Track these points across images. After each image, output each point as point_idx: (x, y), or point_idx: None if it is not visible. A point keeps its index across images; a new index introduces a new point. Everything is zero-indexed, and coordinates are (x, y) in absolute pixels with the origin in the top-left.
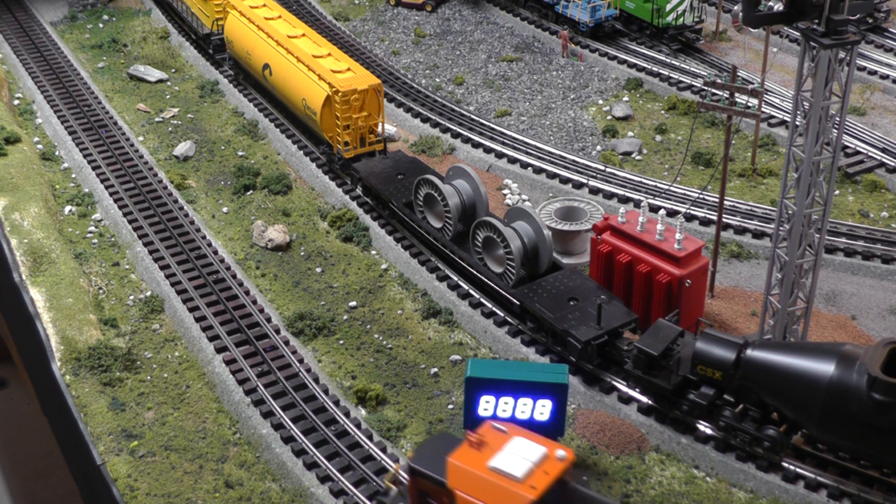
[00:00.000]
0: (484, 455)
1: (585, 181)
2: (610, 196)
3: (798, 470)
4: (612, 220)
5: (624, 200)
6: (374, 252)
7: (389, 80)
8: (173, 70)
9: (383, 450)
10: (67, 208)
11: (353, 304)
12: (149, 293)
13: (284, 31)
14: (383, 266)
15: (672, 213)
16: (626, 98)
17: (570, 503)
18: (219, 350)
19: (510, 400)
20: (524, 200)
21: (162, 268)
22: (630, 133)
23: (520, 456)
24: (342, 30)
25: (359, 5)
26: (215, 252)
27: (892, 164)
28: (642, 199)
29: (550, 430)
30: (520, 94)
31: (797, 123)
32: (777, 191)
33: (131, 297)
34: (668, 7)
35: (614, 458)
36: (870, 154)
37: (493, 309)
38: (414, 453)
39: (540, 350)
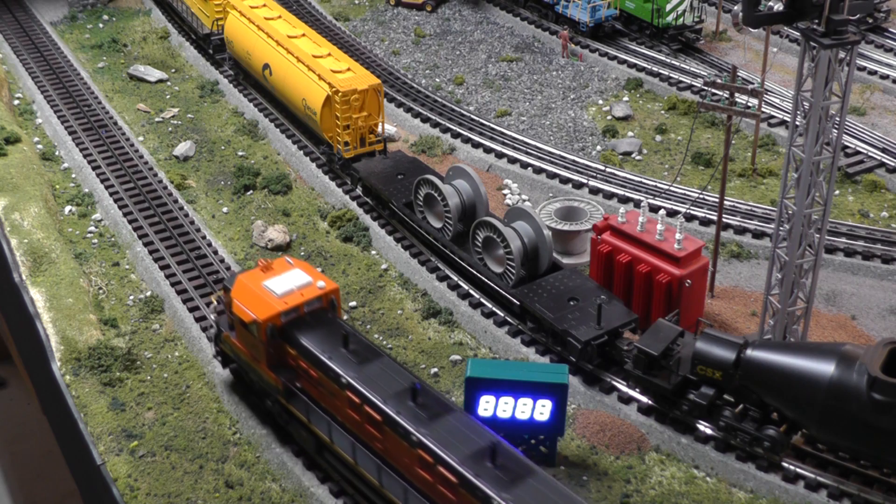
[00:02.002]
0: (265, 276)
1: (585, 181)
2: (610, 196)
3: (798, 470)
4: (612, 220)
5: (624, 200)
6: (374, 252)
7: (389, 80)
8: (173, 70)
9: None
10: (67, 208)
11: (353, 304)
12: (149, 293)
13: (284, 31)
14: (383, 266)
15: (672, 213)
16: (626, 98)
17: (315, 320)
18: None
19: (510, 400)
20: (524, 200)
21: (162, 268)
22: (630, 133)
23: (289, 281)
24: (342, 30)
25: (359, 5)
26: (215, 252)
27: (892, 164)
28: (642, 199)
29: (550, 430)
30: (520, 94)
31: (797, 123)
32: (777, 191)
33: (131, 297)
34: (668, 7)
35: (614, 458)
36: (870, 154)
37: (493, 309)
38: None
39: (540, 350)
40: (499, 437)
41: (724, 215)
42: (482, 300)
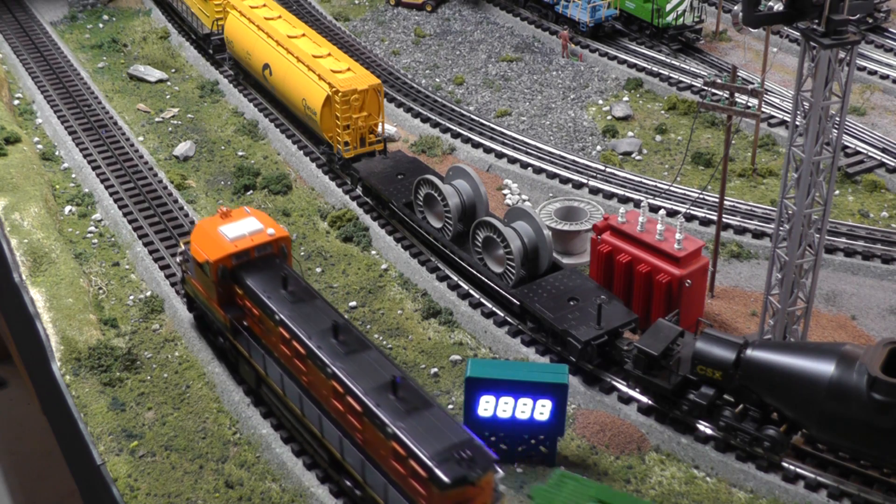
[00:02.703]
0: (222, 222)
1: (585, 181)
2: (610, 196)
3: (798, 470)
4: (612, 220)
5: (624, 200)
6: (374, 252)
7: (389, 80)
8: (173, 70)
9: None
10: (67, 208)
11: (353, 304)
12: (149, 293)
13: (284, 31)
14: (383, 266)
15: (672, 213)
16: (626, 98)
17: (263, 264)
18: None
19: (510, 400)
20: (524, 200)
21: (162, 268)
22: (630, 133)
23: (242, 227)
24: (342, 30)
25: (359, 5)
26: None
27: (892, 164)
28: (642, 199)
29: (550, 430)
30: (520, 94)
31: (797, 123)
32: (777, 191)
33: (131, 297)
34: (668, 7)
35: (614, 458)
36: (870, 154)
37: (493, 309)
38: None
39: (540, 350)
40: (403, 372)
41: (724, 215)
42: (482, 300)
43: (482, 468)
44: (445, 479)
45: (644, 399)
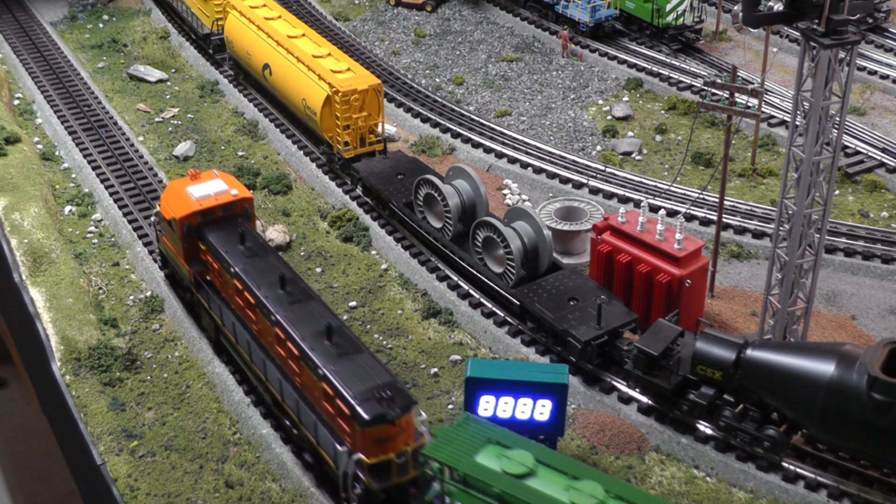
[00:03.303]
0: (190, 183)
1: (585, 181)
2: (610, 196)
3: (798, 470)
4: (612, 220)
5: (624, 200)
6: (374, 252)
7: (389, 80)
8: (173, 70)
9: None
10: (67, 208)
11: (353, 304)
12: (149, 293)
13: (284, 31)
14: (383, 266)
15: (672, 213)
16: (626, 98)
17: (225, 222)
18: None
19: (510, 400)
20: (524, 200)
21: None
22: (630, 133)
23: (208, 188)
24: (342, 30)
25: (359, 5)
26: None
27: (892, 164)
28: (642, 199)
29: (550, 430)
30: (520, 94)
31: (797, 123)
32: (777, 191)
33: (131, 297)
34: (668, 7)
35: (614, 458)
36: (870, 154)
37: (493, 309)
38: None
39: (540, 350)
40: (339, 321)
41: (724, 215)
42: (482, 300)
43: (401, 408)
44: (366, 416)
45: (644, 399)
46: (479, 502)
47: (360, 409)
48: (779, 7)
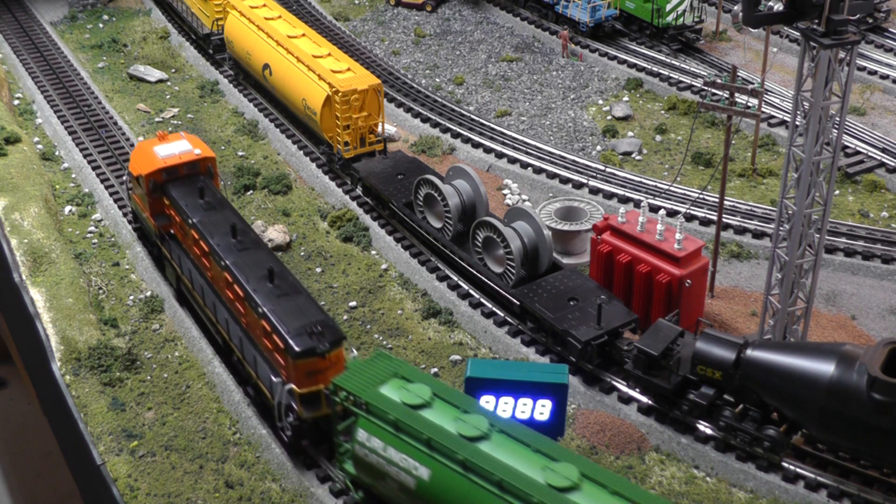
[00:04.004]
0: (158, 143)
1: (585, 181)
2: (610, 196)
3: (798, 470)
4: (612, 220)
5: (624, 200)
6: (374, 252)
7: (389, 80)
8: (173, 70)
9: None
10: (67, 208)
11: (353, 304)
12: (149, 293)
13: (284, 31)
14: (383, 266)
15: (672, 213)
16: (626, 98)
17: (188, 180)
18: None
19: (510, 400)
20: (524, 200)
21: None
22: (630, 133)
23: (173, 148)
24: (342, 30)
25: (359, 5)
26: None
27: (892, 164)
28: (642, 199)
29: (550, 430)
30: (520, 94)
31: (797, 123)
32: (777, 191)
33: (131, 297)
34: (668, 7)
35: (614, 458)
36: (870, 154)
37: (493, 309)
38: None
39: (540, 350)
40: (282, 266)
41: (724, 215)
42: (482, 300)
43: (331, 343)
44: (297, 348)
45: (644, 399)
46: (377, 427)
47: (292, 343)
48: (779, 7)
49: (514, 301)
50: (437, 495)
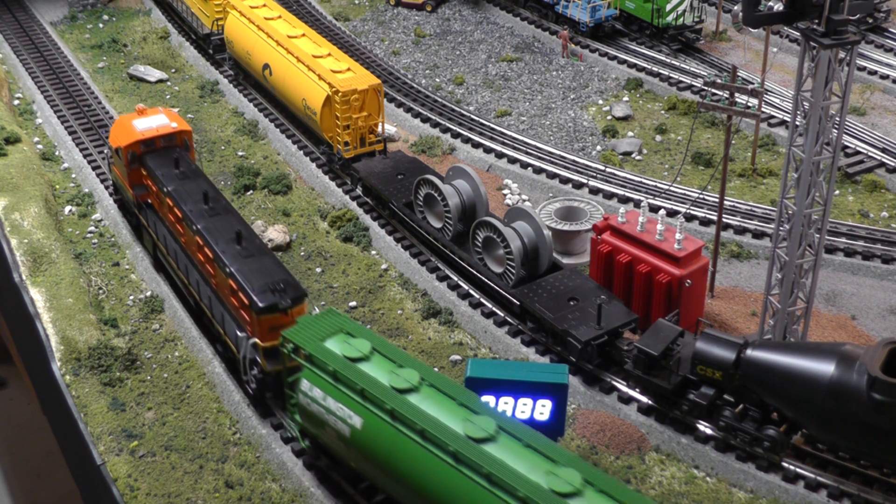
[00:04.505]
0: (136, 118)
1: (585, 181)
2: (610, 196)
3: (798, 470)
4: (612, 220)
5: (624, 200)
6: (374, 252)
7: (389, 80)
8: (173, 70)
9: None
10: (67, 208)
11: (353, 304)
12: (149, 293)
13: (284, 31)
14: (383, 266)
15: (672, 213)
16: (626, 98)
17: (165, 152)
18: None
19: (510, 400)
20: (524, 200)
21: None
22: (630, 133)
23: (151, 122)
24: (342, 30)
25: (359, 5)
26: None
27: (892, 164)
28: (642, 199)
29: (550, 430)
30: (520, 94)
31: (797, 123)
32: (777, 191)
33: (131, 297)
34: (668, 7)
35: (614, 458)
36: (870, 154)
37: (493, 309)
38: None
39: (540, 350)
40: (248, 227)
41: (724, 215)
42: (482, 300)
43: (292, 299)
44: (260, 304)
45: (644, 399)
46: (318, 378)
47: (256, 299)
48: (779, 7)
49: (514, 301)
50: (368, 443)
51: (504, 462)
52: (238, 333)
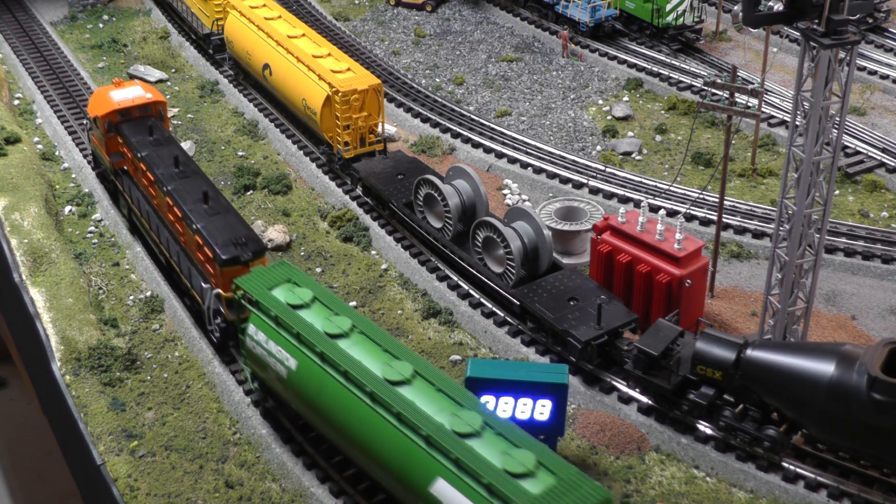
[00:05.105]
0: (114, 89)
1: (585, 181)
2: (610, 196)
3: (798, 470)
4: (612, 220)
5: (624, 200)
6: (374, 252)
7: (389, 80)
8: (173, 70)
9: None
10: (67, 208)
11: (353, 304)
12: (149, 293)
13: (284, 31)
14: (383, 266)
15: (672, 213)
16: (626, 98)
17: (140, 121)
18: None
19: (510, 400)
20: (524, 200)
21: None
22: (630, 133)
23: (127, 93)
24: (342, 30)
25: (359, 5)
26: None
27: (892, 164)
28: (642, 199)
29: (550, 430)
30: (520, 94)
31: (797, 123)
32: (777, 191)
33: (131, 297)
34: (668, 7)
35: (614, 458)
36: (870, 154)
37: (493, 309)
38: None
39: (540, 350)
40: (215, 188)
41: (724, 215)
42: (482, 300)
43: (253, 252)
44: (223, 256)
45: (644, 399)
46: (263, 323)
47: (219, 252)
48: (779, 7)
49: (514, 301)
50: (301, 383)
51: (414, 403)
52: (203, 285)
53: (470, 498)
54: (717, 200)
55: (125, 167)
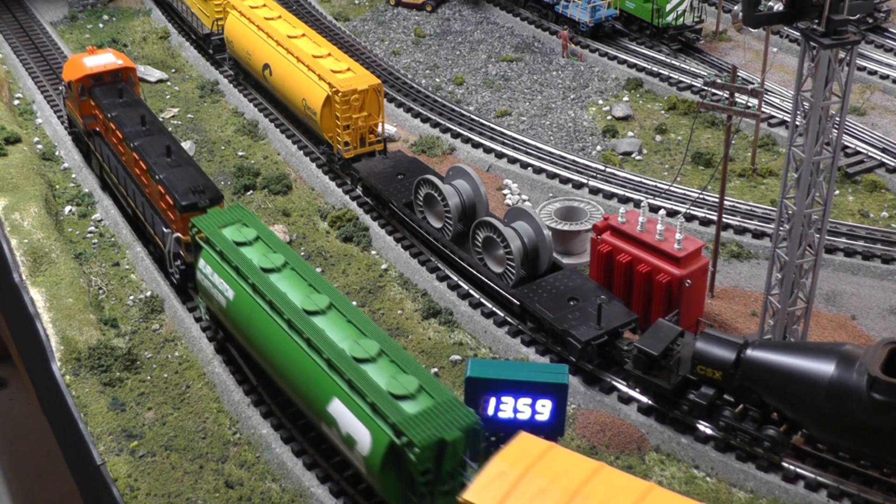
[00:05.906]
0: (87, 56)
1: (585, 181)
2: (610, 196)
3: (798, 470)
4: (612, 220)
5: (624, 200)
6: (374, 252)
7: (389, 80)
8: (173, 70)
9: None
10: (67, 208)
11: (353, 304)
12: (149, 293)
13: (284, 31)
14: (383, 266)
15: (672, 213)
16: (626, 98)
17: (111, 86)
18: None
19: (510, 400)
20: (524, 200)
21: (162, 268)
22: (630, 133)
23: (99, 60)
24: (342, 30)
25: (359, 5)
26: None
27: (892, 164)
28: (642, 199)
29: (550, 430)
30: (520, 94)
31: (797, 123)
32: (777, 191)
33: (131, 297)
34: (668, 7)
35: (614, 458)
36: (870, 154)
37: (493, 309)
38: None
39: (540, 350)
40: (177, 143)
41: (724, 215)
42: (482, 300)
43: (210, 199)
44: (182, 202)
45: (644, 399)
46: (210, 258)
47: (179, 198)
48: (779, 7)
49: (514, 301)
50: (236, 312)
51: (323, 331)
52: (164, 230)
53: (356, 415)
54: (717, 200)
55: (97, 129)
